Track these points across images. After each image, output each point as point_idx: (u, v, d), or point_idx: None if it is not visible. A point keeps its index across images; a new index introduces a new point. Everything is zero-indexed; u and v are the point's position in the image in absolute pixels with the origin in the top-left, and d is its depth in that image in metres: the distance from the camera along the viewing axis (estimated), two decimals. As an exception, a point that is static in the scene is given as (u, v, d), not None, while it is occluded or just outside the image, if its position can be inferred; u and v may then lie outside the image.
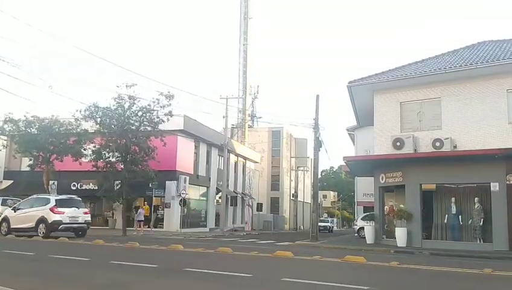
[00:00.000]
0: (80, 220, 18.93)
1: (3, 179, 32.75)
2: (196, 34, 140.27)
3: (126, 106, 24.11)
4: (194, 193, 32.38)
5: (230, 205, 37.27)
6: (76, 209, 18.95)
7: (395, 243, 17.73)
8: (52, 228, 18.02)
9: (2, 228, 19.42)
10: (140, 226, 25.18)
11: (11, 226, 19.05)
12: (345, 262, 10.85)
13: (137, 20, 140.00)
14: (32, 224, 18.30)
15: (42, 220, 18.06)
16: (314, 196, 24.80)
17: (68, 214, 18.39)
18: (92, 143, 25.02)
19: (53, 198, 19.07)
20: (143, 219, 25.53)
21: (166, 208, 29.19)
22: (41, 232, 17.98)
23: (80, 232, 18.92)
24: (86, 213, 19.52)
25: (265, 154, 52.58)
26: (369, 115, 21.15)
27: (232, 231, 33.54)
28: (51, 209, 18.15)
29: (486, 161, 16.21)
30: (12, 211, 19.60)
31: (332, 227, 50.60)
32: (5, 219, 19.44)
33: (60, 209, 18.27)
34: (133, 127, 24.10)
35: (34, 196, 20.17)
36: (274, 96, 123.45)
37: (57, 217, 18.05)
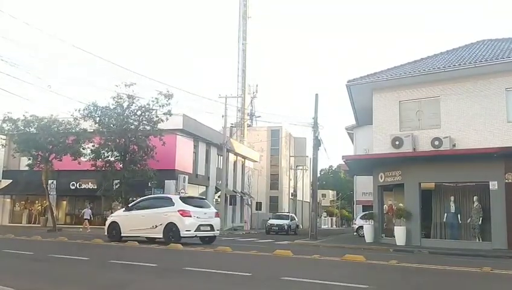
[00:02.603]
0: (211, 223, 15.65)
1: (2, 178, 32.77)
2: (195, 33, 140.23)
3: (125, 105, 24.12)
4: (193, 192, 32.30)
5: (230, 204, 37.26)
6: (206, 210, 15.98)
7: (394, 242, 17.76)
8: (181, 234, 14.91)
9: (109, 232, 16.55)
10: (86, 225, 25.51)
11: (123, 231, 15.94)
12: (344, 261, 10.86)
13: (137, 19, 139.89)
14: (152, 229, 15.29)
15: (169, 224, 14.95)
16: (313, 195, 24.82)
17: (199, 218, 15.26)
18: (91, 142, 25.02)
19: (177, 197, 16.50)
20: (89, 218, 26.03)
21: (165, 207, 29.17)
22: (167, 239, 14.93)
23: (207, 239, 15.78)
24: (216, 215, 16.34)
25: (264, 153, 52.62)
26: (368, 114, 21.16)
27: (231, 230, 33.55)
28: (180, 212, 15.00)
29: (485, 160, 16.23)
30: (125, 212, 16.71)
31: (296, 226, 36.54)
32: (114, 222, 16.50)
33: (189, 211, 15.15)
34: (132, 127, 24.10)
35: (154, 195, 17.94)
36: (273, 96, 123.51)
37: (187, 221, 14.92)
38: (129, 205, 17.35)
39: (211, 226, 15.60)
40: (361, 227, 24.24)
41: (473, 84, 17.70)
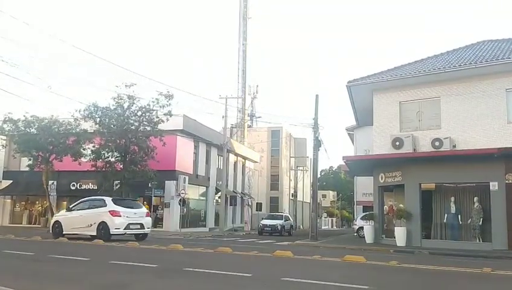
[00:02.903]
0: (141, 221, 17.28)
1: (3, 179, 32.78)
2: (196, 34, 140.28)
3: (125, 105, 24.17)
4: (193, 193, 32.39)
5: (230, 205, 37.25)
6: (136, 211, 17.54)
7: (395, 243, 17.75)
8: (111, 232, 16.55)
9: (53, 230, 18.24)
10: None
11: (65, 229, 17.71)
12: (344, 262, 10.86)
13: (137, 20, 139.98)
14: (88, 227, 16.99)
15: (101, 223, 16.59)
16: (314, 196, 24.81)
17: (129, 217, 16.88)
18: (91, 143, 25.05)
19: (109, 199, 17.70)
20: None
21: (165, 207, 29.22)
22: (99, 236, 16.42)
23: (141, 235, 17.51)
24: (147, 215, 18.01)
25: (265, 154, 52.63)
26: (369, 115, 21.16)
27: (232, 231, 33.56)
28: (110, 212, 16.68)
29: (486, 160, 16.23)
30: (67, 212, 18.46)
31: (291, 226, 34.63)
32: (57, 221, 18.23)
33: (119, 211, 16.80)
34: (133, 127, 24.14)
35: (90, 197, 19.14)
36: (273, 96, 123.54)
37: (117, 220, 16.56)
38: (70, 206, 18.94)
39: (141, 224, 17.24)
40: (361, 228, 24.23)
41: (474, 85, 17.70)
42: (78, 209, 17.93)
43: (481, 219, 16.74)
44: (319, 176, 32.62)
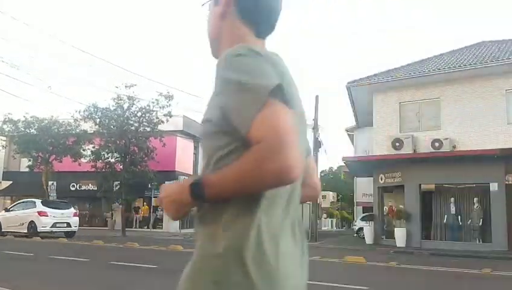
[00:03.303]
0: (68, 221, 19.66)
1: (2, 179, 32.72)
2: (196, 34, 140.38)
3: (125, 106, 24.11)
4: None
5: (230, 206, 37.11)
6: (64, 211, 19.69)
7: (395, 243, 17.74)
8: (39, 229, 18.98)
9: None
10: None
11: (3, 227, 20.29)
12: (344, 262, 10.85)
13: (137, 20, 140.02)
14: (21, 225, 19.46)
15: (31, 222, 19.05)
16: (314, 197, 24.73)
17: (55, 217, 19.26)
18: (91, 144, 25.01)
19: (39, 201, 20.14)
20: None
21: (165, 208, 29.17)
22: (29, 233, 18.83)
23: (69, 233, 19.62)
24: (74, 215, 20.21)
25: (265, 154, 52.58)
26: (369, 115, 21.17)
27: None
28: (38, 213, 19.09)
29: (486, 161, 16.23)
30: (6, 213, 20.96)
31: None
32: None
33: (46, 212, 19.13)
34: (133, 128, 24.09)
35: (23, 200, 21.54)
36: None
37: (44, 220, 18.99)
38: (8, 208, 21.64)
39: (68, 223, 19.47)
40: (361, 229, 24.21)
41: (474, 86, 17.71)
42: (14, 210, 20.39)
43: (481, 220, 16.73)
44: (318, 176, 32.52)
